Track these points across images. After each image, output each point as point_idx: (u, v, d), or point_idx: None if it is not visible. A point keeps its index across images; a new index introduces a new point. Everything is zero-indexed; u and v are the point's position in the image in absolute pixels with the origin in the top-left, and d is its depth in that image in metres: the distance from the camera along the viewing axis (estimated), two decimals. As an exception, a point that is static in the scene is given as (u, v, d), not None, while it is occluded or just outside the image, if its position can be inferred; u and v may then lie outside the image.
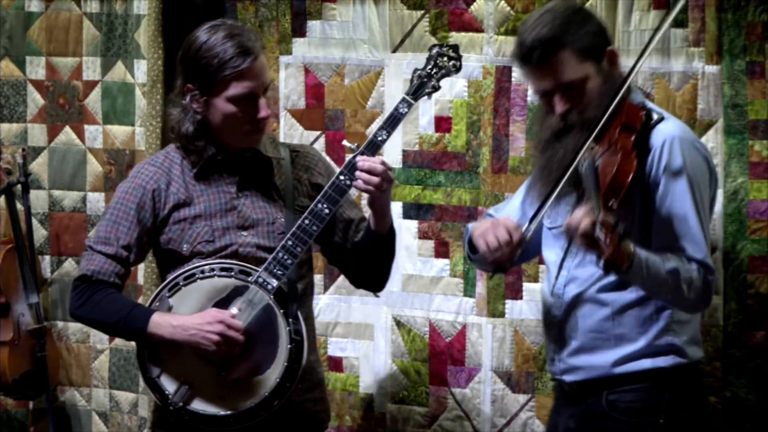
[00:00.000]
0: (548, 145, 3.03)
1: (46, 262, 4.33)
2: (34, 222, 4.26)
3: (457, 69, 3.28)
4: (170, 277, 3.19)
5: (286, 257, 3.13)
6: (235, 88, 3.15)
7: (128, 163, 4.21)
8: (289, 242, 3.13)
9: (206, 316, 3.10)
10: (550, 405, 3.68)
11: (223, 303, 3.14)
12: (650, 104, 3.06)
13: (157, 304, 3.17)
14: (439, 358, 3.88)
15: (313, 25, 3.99)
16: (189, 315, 3.12)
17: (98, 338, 4.30)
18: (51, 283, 4.35)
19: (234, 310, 3.12)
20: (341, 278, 3.97)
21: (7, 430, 4.37)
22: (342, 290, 3.98)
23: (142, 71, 4.14)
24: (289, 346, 3.14)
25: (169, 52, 4.11)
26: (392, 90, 3.89)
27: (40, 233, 4.32)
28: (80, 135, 4.29)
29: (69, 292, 3.24)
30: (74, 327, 4.33)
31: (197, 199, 3.23)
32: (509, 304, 3.80)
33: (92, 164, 4.28)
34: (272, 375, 3.13)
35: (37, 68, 4.31)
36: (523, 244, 2.99)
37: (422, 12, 3.84)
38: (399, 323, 3.93)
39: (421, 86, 3.23)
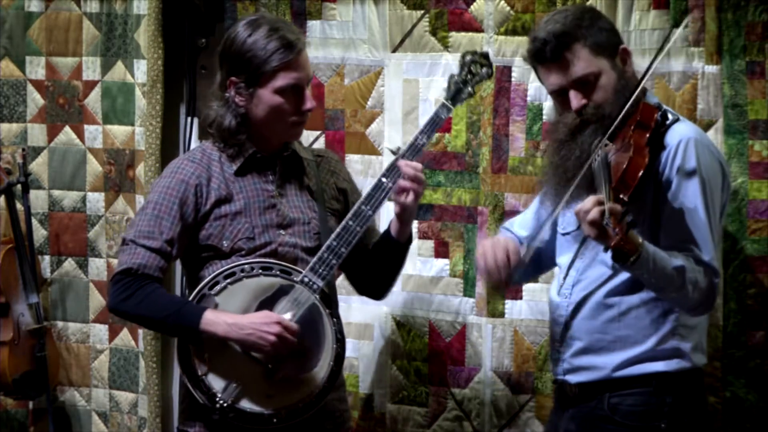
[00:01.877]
0: (563, 144, 3.03)
1: (46, 262, 4.33)
2: (34, 222, 4.26)
3: (489, 76, 3.42)
4: (209, 275, 3.18)
5: (330, 257, 3.17)
6: (283, 79, 3.18)
7: (128, 163, 4.21)
8: (334, 243, 3.17)
9: (263, 317, 3.10)
10: (550, 405, 3.68)
11: (269, 302, 3.15)
12: (665, 107, 3.06)
13: (202, 302, 3.15)
14: (438, 358, 3.88)
15: (313, 25, 3.99)
16: (239, 313, 3.12)
17: (98, 338, 4.30)
18: (51, 283, 4.35)
19: (288, 315, 3.12)
20: (341, 278, 3.96)
21: (7, 430, 4.37)
22: (342, 290, 3.97)
23: (142, 71, 4.14)
24: (334, 345, 3.19)
25: (169, 52, 4.12)
26: (392, 90, 3.89)
27: (40, 233, 4.32)
28: (80, 135, 4.29)
29: (111, 286, 3.16)
30: (74, 327, 4.33)
31: (237, 195, 3.24)
32: (509, 304, 3.80)
33: (92, 164, 4.28)
34: (319, 374, 3.17)
35: (37, 68, 4.31)
36: (522, 265, 3.05)
37: (422, 12, 3.84)
38: (399, 323, 3.93)
39: (458, 92, 3.36)
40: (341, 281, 3.96)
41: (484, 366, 3.83)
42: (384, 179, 3.21)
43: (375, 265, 3.34)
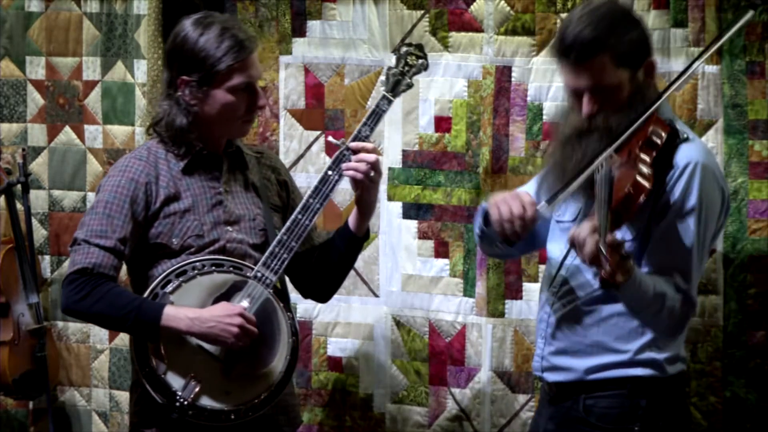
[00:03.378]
0: (567, 142, 3.01)
1: (46, 262, 4.33)
2: (34, 222, 4.26)
3: (425, 67, 3.41)
4: (160, 274, 3.18)
5: (282, 252, 3.17)
6: (238, 78, 3.18)
7: (128, 163, 4.21)
8: (285, 237, 3.18)
9: (223, 309, 3.11)
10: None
11: (223, 298, 3.16)
12: (679, 123, 3.02)
13: (156, 300, 3.15)
14: (438, 358, 3.88)
15: (313, 25, 3.99)
16: (199, 309, 3.13)
17: (98, 338, 4.30)
18: (51, 283, 4.35)
19: (245, 303, 3.14)
20: (341, 278, 3.98)
21: (7, 430, 4.37)
22: (342, 290, 3.95)
23: (142, 71, 4.14)
24: (290, 339, 3.19)
25: (169, 52, 4.11)
26: (392, 90, 3.89)
27: (40, 233, 4.32)
28: (80, 135, 4.29)
29: (65, 287, 3.16)
30: (74, 327, 4.32)
31: (184, 193, 3.24)
32: (509, 304, 3.80)
33: (92, 164, 4.28)
34: (277, 368, 3.17)
35: (37, 68, 4.31)
36: (536, 222, 2.96)
37: (422, 12, 3.84)
38: (399, 323, 3.93)
39: (396, 84, 3.36)
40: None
41: (484, 366, 3.83)
42: (330, 172, 3.22)
43: (324, 263, 3.35)
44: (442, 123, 3.86)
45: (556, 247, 3.15)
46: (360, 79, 3.94)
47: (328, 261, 3.35)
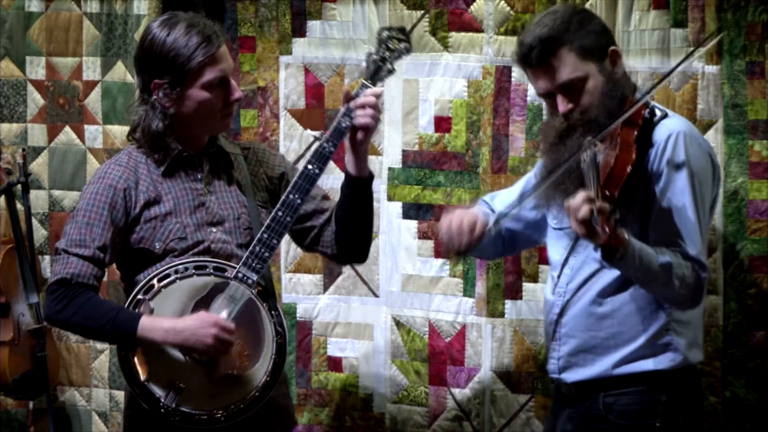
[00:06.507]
0: (553, 147, 3.03)
1: (46, 262, 4.33)
2: (34, 222, 4.26)
3: (408, 51, 3.28)
4: (144, 279, 3.17)
5: (263, 250, 3.14)
6: (210, 73, 3.16)
7: (128, 163, 4.20)
8: (265, 235, 3.15)
9: (199, 319, 3.09)
10: (550, 405, 3.69)
11: (204, 301, 3.14)
12: (654, 102, 3.07)
13: (137, 307, 3.14)
14: (438, 358, 3.88)
15: (313, 25, 3.99)
16: (176, 317, 3.12)
17: (98, 338, 4.30)
18: (51, 283, 4.34)
19: (223, 314, 3.12)
20: (341, 278, 3.98)
21: (7, 430, 4.37)
22: (342, 290, 3.98)
23: (142, 71, 4.14)
24: (275, 338, 3.16)
25: (169, 52, 4.11)
26: (392, 90, 3.89)
27: (40, 233, 4.32)
28: (80, 135, 4.29)
29: (46, 297, 3.15)
30: (74, 327, 4.33)
31: (165, 196, 3.22)
32: (509, 304, 3.80)
33: (92, 164, 4.27)
34: (261, 369, 3.16)
35: (37, 68, 4.31)
36: (481, 240, 3.03)
37: (422, 12, 3.84)
38: (399, 323, 3.93)
39: (377, 70, 3.25)
40: (341, 281, 3.98)
41: (484, 366, 3.83)
42: (309, 166, 3.17)
43: (345, 221, 3.27)
44: (442, 123, 3.86)
45: (556, 253, 3.16)
46: (360, 79, 3.94)
47: (347, 217, 3.27)
